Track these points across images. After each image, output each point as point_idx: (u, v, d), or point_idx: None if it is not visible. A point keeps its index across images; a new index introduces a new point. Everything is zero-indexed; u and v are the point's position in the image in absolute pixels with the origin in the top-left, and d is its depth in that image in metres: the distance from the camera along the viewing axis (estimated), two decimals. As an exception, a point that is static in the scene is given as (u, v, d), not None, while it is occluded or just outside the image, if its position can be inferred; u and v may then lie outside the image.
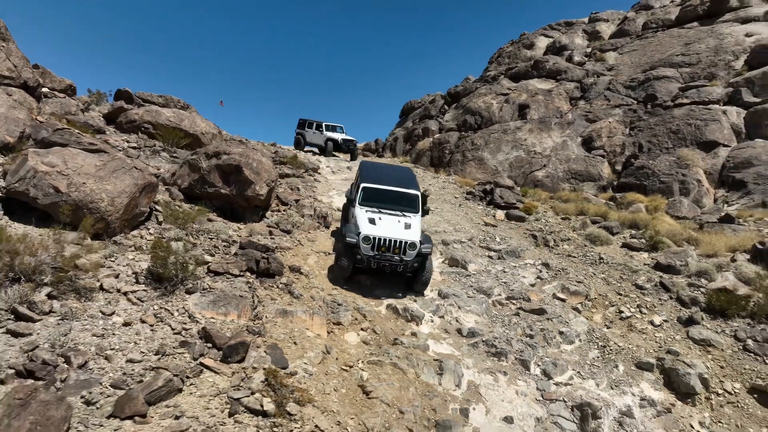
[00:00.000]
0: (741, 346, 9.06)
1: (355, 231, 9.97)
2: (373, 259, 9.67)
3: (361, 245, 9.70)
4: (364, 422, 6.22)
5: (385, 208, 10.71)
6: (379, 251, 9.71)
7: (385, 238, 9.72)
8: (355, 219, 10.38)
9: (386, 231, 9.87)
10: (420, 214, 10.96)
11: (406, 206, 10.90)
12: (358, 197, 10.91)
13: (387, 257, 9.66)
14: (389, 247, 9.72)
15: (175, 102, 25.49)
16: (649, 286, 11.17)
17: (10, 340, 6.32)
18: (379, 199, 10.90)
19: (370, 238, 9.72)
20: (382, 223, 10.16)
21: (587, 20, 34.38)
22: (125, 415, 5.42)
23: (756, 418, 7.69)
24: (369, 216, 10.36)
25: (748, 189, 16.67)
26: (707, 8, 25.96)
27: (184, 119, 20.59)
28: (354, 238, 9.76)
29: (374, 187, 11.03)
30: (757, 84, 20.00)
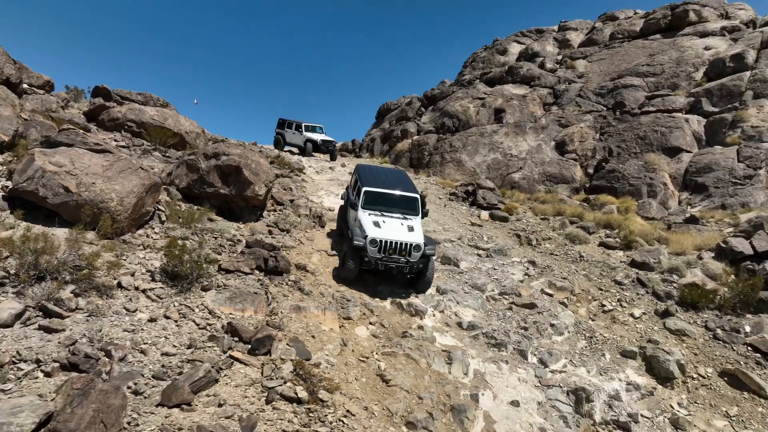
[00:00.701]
0: (711, 335, 10.03)
1: (362, 234, 10.23)
2: (381, 262, 10.03)
3: (368, 248, 10.01)
4: (388, 407, 6.74)
5: (387, 211, 11.04)
6: (385, 254, 10.05)
7: (391, 241, 10.06)
8: (360, 222, 10.64)
9: (391, 234, 10.22)
10: (420, 216, 11.42)
11: (407, 209, 11.29)
12: (360, 201, 11.12)
13: (393, 259, 10.04)
14: (396, 249, 10.06)
15: (155, 100, 25.30)
16: (627, 281, 12.10)
17: (44, 335, 6.53)
18: (381, 202, 11.20)
19: (377, 241, 10.02)
20: (387, 226, 10.49)
21: (557, 28, 35.79)
22: (172, 403, 5.75)
23: (727, 398, 8.61)
24: (373, 219, 10.66)
25: (709, 192, 18.02)
26: (669, 22, 27.59)
27: (167, 118, 20.54)
28: (361, 242, 10.05)
29: (376, 190, 11.29)
30: (715, 95, 21.53)
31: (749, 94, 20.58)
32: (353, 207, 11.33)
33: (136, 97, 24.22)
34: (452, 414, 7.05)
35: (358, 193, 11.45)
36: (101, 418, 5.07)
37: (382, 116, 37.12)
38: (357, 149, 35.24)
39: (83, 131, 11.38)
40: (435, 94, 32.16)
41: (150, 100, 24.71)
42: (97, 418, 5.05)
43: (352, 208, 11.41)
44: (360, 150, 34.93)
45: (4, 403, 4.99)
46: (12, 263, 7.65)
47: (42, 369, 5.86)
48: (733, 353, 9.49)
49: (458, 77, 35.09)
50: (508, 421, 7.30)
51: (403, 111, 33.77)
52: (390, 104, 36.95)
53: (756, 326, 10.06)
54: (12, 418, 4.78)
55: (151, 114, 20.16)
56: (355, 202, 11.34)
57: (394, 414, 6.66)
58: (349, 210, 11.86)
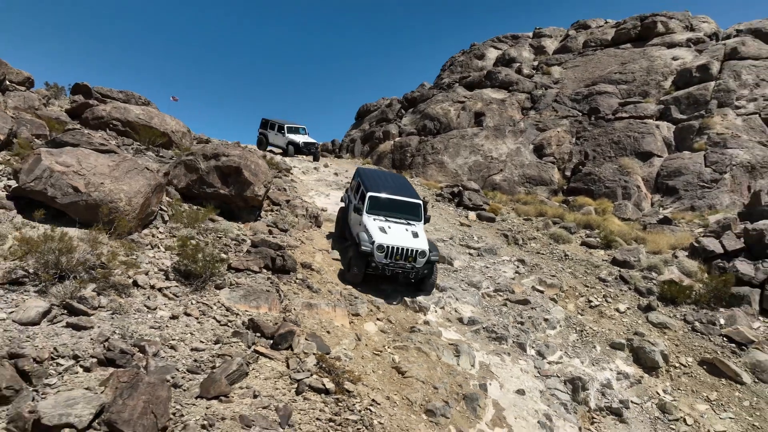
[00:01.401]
0: (690, 328, 10.85)
1: (369, 240, 10.41)
2: (387, 267, 10.24)
3: (375, 254, 10.22)
4: (408, 397, 7.17)
5: (391, 217, 11.25)
6: (392, 259, 10.27)
7: (398, 247, 10.28)
8: (366, 227, 10.80)
9: (398, 240, 10.45)
10: (423, 222, 11.71)
11: (411, 214, 11.53)
12: (365, 206, 11.26)
13: (399, 265, 10.26)
14: (402, 255, 10.29)
15: (137, 98, 25.03)
16: (610, 279, 12.87)
17: (74, 333, 6.67)
18: (385, 207, 11.39)
19: (384, 246, 10.24)
20: (393, 232, 10.71)
21: (532, 35, 36.93)
22: (211, 395, 6.02)
23: (706, 385, 9.39)
24: (379, 225, 10.84)
25: (679, 195, 19.14)
26: (639, 32, 28.95)
27: (153, 117, 20.43)
28: (368, 247, 10.25)
29: (381, 196, 11.49)
30: (683, 103, 22.81)
31: (714, 103, 21.91)
32: (358, 211, 11.41)
33: (117, 95, 23.88)
34: (465, 402, 7.54)
35: (362, 197, 11.59)
36: (151, 409, 5.32)
37: (361, 117, 37.48)
38: (337, 149, 35.50)
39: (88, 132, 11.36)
40: (415, 96, 32.74)
41: (131, 99, 24.41)
42: (147, 408, 5.29)
43: (356, 212, 11.49)
44: (340, 150, 35.20)
45: (58, 396, 5.19)
46: (29, 262, 7.73)
47: (81, 364, 6.03)
48: (710, 344, 10.31)
49: (437, 80, 35.79)
50: (515, 408, 7.84)
51: (383, 113, 34.22)
52: (369, 106, 37.35)
53: (729, 319, 10.94)
54: (69, 409, 4.99)
55: (136, 113, 20.02)
56: (359, 207, 11.44)
57: (414, 403, 7.10)
58: (351, 213, 12.07)
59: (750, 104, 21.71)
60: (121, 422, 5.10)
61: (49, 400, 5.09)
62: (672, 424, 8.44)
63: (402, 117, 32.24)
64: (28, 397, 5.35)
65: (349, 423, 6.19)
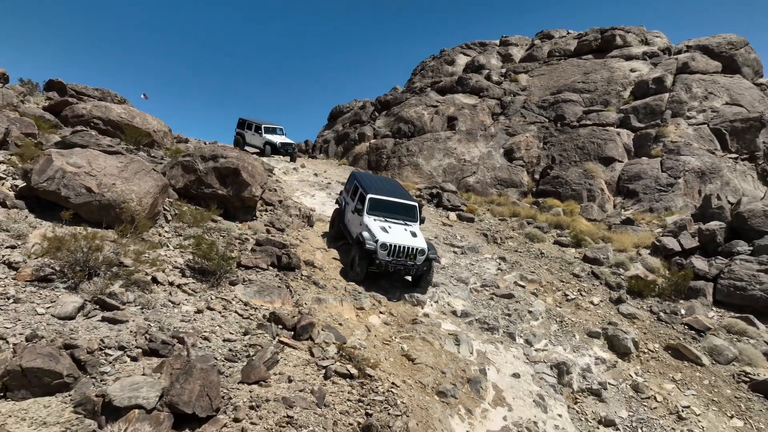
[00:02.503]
0: (656, 318, 12.10)
1: (372, 238, 11.00)
2: (390, 264, 10.89)
3: (378, 251, 10.85)
4: (420, 381, 7.93)
5: (390, 218, 11.90)
6: (395, 257, 10.93)
7: (400, 245, 10.94)
8: (368, 227, 11.38)
9: (399, 239, 11.11)
10: (419, 222, 12.45)
11: (407, 216, 12.22)
12: (366, 207, 11.86)
13: (401, 262, 10.94)
14: (404, 253, 10.97)
15: (113, 96, 24.81)
16: (583, 274, 14.05)
17: (111, 326, 7.08)
18: (384, 208, 12.02)
19: (387, 245, 10.88)
20: (393, 232, 11.35)
21: (498, 42, 38.42)
22: (251, 380, 6.59)
23: (671, 367, 10.59)
24: (380, 225, 11.47)
25: (639, 197, 20.73)
26: (599, 44, 30.78)
27: (135, 116, 20.45)
28: (372, 245, 10.85)
29: (381, 198, 12.12)
30: (641, 112, 24.57)
31: (668, 113, 23.74)
32: (358, 212, 11.96)
33: (92, 93, 23.57)
34: (470, 385, 8.36)
35: (362, 199, 12.17)
36: (206, 392, 5.86)
37: (334, 118, 37.97)
38: (310, 150, 35.89)
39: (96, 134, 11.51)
40: (388, 99, 33.55)
41: (108, 96, 24.16)
42: (203, 391, 5.83)
43: (357, 213, 12.02)
44: (313, 151, 35.61)
45: (122, 381, 5.65)
46: (55, 260, 8.03)
47: (128, 354, 6.48)
48: (673, 331, 11.57)
49: (409, 84, 36.72)
50: (513, 390, 8.73)
51: (356, 114, 34.85)
52: (342, 107, 37.90)
53: (689, 309, 12.26)
54: (136, 392, 5.48)
55: (118, 111, 19.97)
56: (359, 208, 12.00)
57: (426, 386, 7.87)
58: (348, 214, 12.67)
59: (699, 115, 23.67)
60: (182, 403, 5.62)
61: (115, 385, 5.55)
62: (644, 401, 9.54)
63: (376, 119, 32.97)
64: (88, 383, 5.80)
65: (376, 403, 6.89)
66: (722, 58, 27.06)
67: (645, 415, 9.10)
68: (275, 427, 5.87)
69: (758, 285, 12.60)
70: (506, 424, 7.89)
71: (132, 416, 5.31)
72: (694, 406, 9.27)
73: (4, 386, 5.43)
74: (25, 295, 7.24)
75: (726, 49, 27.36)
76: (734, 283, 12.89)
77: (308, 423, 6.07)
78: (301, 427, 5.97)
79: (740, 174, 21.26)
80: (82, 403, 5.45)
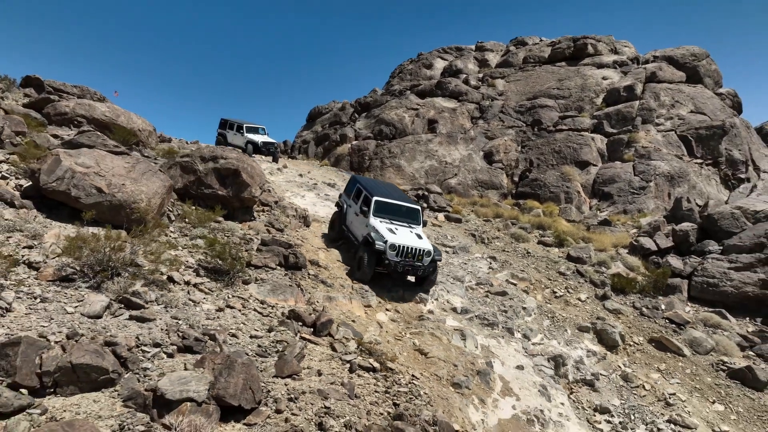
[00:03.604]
0: (639, 312, 12.92)
1: (381, 239, 11.22)
2: (399, 265, 11.12)
3: (387, 252, 11.08)
4: (436, 373, 8.37)
5: (395, 220, 12.17)
6: (403, 258, 11.20)
7: (408, 246, 11.22)
8: (375, 229, 11.61)
9: (407, 240, 11.38)
10: (421, 225, 12.77)
11: (411, 218, 12.53)
12: (371, 209, 12.11)
13: (409, 263, 11.20)
14: (413, 254, 11.23)
15: (92, 93, 24.36)
16: (569, 273, 14.80)
17: (140, 324, 7.23)
18: (389, 211, 12.28)
19: (396, 246, 11.13)
20: (400, 233, 11.60)
21: (474, 48, 39.36)
22: (285, 374, 6.87)
23: (656, 358, 11.38)
24: (387, 227, 11.71)
25: (613, 200, 21.80)
26: (572, 52, 32.02)
27: (120, 115, 20.23)
28: (382, 246, 11.07)
29: (385, 200, 12.38)
30: (613, 118, 25.78)
31: (639, 119, 25.01)
32: (363, 214, 12.19)
33: (71, 90, 23.05)
34: (479, 377, 8.85)
35: (366, 201, 12.39)
36: (249, 385, 6.13)
37: (313, 119, 38.07)
38: (289, 150, 35.89)
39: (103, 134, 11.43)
40: (368, 101, 33.92)
41: (87, 94, 23.67)
42: (246, 385, 6.09)
43: (362, 215, 12.24)
44: (292, 151, 35.63)
45: (170, 376, 5.85)
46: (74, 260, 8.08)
47: (164, 351, 6.66)
48: (656, 325, 12.40)
49: (387, 87, 37.18)
50: (518, 381, 9.27)
51: (336, 116, 35.07)
52: (321, 108, 38.03)
53: (669, 305, 13.14)
54: (185, 386, 5.69)
55: (102, 110, 19.71)
56: (365, 210, 12.23)
57: (442, 378, 8.31)
58: (352, 216, 12.80)
59: (667, 122, 25.03)
60: (228, 396, 5.88)
61: (164, 379, 5.75)
62: (634, 390, 10.26)
63: (356, 121, 33.29)
64: (132, 378, 5.98)
65: (401, 393, 7.28)
66: (686, 68, 28.64)
67: (636, 403, 9.80)
68: (315, 417, 6.19)
69: (729, 282, 13.61)
70: (516, 413, 8.41)
71: (184, 408, 5.53)
72: (680, 393, 10.05)
73: (54, 382, 5.56)
74: (51, 294, 7.31)
75: (689, 60, 28.97)
76: (707, 280, 13.88)
77: (344, 413, 6.41)
78: (338, 417, 6.31)
79: (705, 178, 22.64)
80: (132, 398, 5.63)
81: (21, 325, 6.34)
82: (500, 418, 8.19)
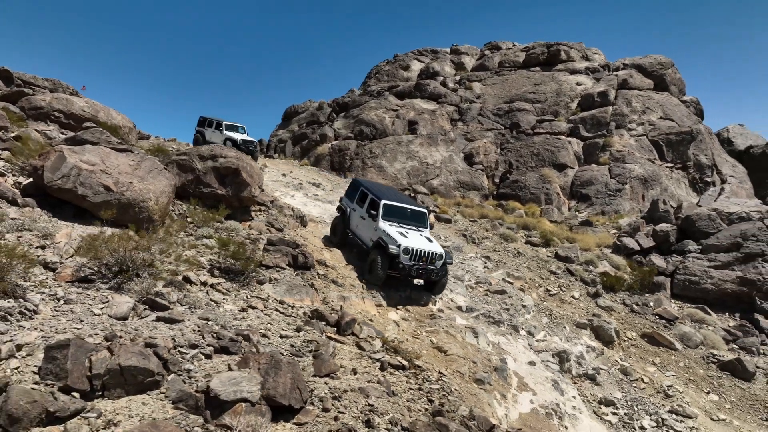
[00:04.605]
0: (629, 309, 13.51)
1: (394, 243, 11.02)
2: (413, 269, 10.99)
3: (401, 256, 10.93)
4: (458, 370, 8.54)
5: (403, 224, 12.07)
6: (416, 261, 11.08)
7: (422, 250, 11.12)
8: (385, 232, 11.45)
9: (419, 243, 11.28)
10: (428, 228, 12.73)
11: (418, 222, 12.47)
12: (380, 212, 11.96)
13: (422, 267, 11.08)
14: (426, 258, 11.12)
15: (64, 87, 23.45)
16: (559, 272, 15.30)
17: (170, 326, 7.08)
18: (397, 214, 12.17)
19: (410, 249, 11.01)
20: (412, 237, 11.49)
21: (449, 51, 39.92)
22: (323, 373, 6.87)
23: (650, 352, 11.94)
24: (398, 230, 11.58)
25: (591, 201, 22.63)
26: (546, 57, 32.99)
27: (99, 110, 19.63)
28: (395, 250, 10.93)
29: (394, 204, 12.27)
30: (588, 122, 26.73)
31: (613, 124, 26.04)
32: (372, 218, 12.02)
33: (42, 83, 22.06)
34: (497, 373, 9.08)
35: (373, 205, 12.23)
36: (296, 384, 6.11)
37: (289, 118, 37.69)
38: (265, 149, 35.39)
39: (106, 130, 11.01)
40: (346, 101, 33.88)
41: (59, 88, 22.72)
42: (294, 384, 6.08)
43: (371, 218, 12.06)
44: (269, 150, 35.16)
45: (220, 377, 5.77)
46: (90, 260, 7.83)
47: (201, 352, 6.55)
48: (646, 321, 13.00)
49: (365, 87, 37.23)
50: (532, 376, 9.56)
51: (313, 115, 34.86)
52: (297, 107, 37.70)
53: (657, 301, 13.80)
54: (238, 386, 5.63)
55: (80, 105, 19.05)
56: (373, 214, 12.03)
57: (464, 375, 8.49)
58: (357, 220, 12.65)
59: (639, 127, 26.17)
60: (279, 396, 5.86)
61: (215, 380, 5.66)
62: (633, 383, 10.74)
63: (334, 121, 33.19)
64: (177, 380, 5.87)
65: (434, 390, 7.40)
66: (654, 76, 30.00)
67: (637, 395, 10.27)
68: (361, 415, 6.24)
69: (709, 279, 14.41)
70: (534, 407, 8.68)
71: (240, 409, 5.48)
72: (677, 385, 10.59)
73: (102, 385, 5.41)
74: (74, 296, 7.08)
75: (656, 69, 30.36)
76: (689, 278, 14.65)
77: (387, 410, 6.48)
78: (382, 414, 6.37)
79: (675, 181, 23.82)
80: (182, 399, 5.53)
81: (53, 328, 6.13)
82: (521, 413, 8.43)
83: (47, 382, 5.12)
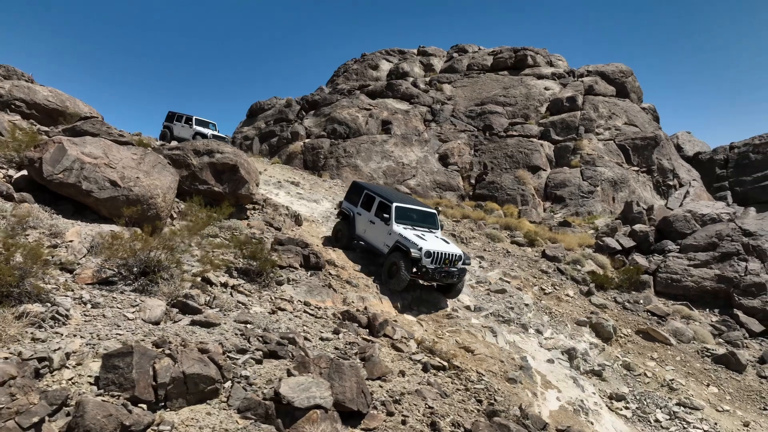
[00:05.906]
0: (621, 307, 13.98)
1: (415, 246, 10.65)
2: (435, 272, 10.66)
3: (423, 259, 10.61)
4: (490, 369, 8.50)
5: (416, 226, 11.80)
6: (438, 264, 10.80)
7: (443, 252, 10.85)
8: (403, 236, 11.07)
9: (438, 246, 11.01)
10: (440, 229, 12.53)
11: (429, 223, 12.25)
12: (393, 216, 11.55)
13: (444, 269, 10.77)
14: (449, 260, 10.87)
15: (19, 75, 21.79)
16: (550, 271, 15.63)
17: (208, 330, 6.63)
18: (409, 217, 11.89)
19: (431, 252, 10.72)
20: (429, 240, 11.21)
21: (417, 51, 40.13)
22: (375, 376, 6.63)
23: (647, 348, 12.39)
24: (414, 233, 11.25)
25: (566, 203, 23.34)
26: (514, 62, 33.79)
27: (65, 100, 18.52)
28: (417, 253, 10.58)
29: (405, 206, 11.98)
30: (558, 126, 27.59)
31: (582, 128, 27.00)
32: (384, 221, 11.65)
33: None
34: (522, 371, 9.12)
35: (383, 209, 11.86)
36: (361, 388, 5.86)
37: (254, 115, 36.62)
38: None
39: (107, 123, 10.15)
40: (316, 99, 33.33)
41: (14, 75, 20.98)
42: (359, 388, 5.82)
43: (383, 222, 11.70)
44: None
45: (289, 381, 5.43)
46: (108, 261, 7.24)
47: (252, 357, 6.16)
48: (639, 318, 13.49)
49: (333, 85, 36.75)
50: (552, 374, 9.67)
51: (282, 112, 34.05)
52: (263, 104, 36.70)
53: (646, 299, 14.36)
54: (309, 392, 5.31)
55: (44, 94, 17.86)
56: (385, 218, 11.67)
57: (497, 374, 8.46)
58: (365, 224, 12.27)
59: (606, 132, 27.29)
60: (347, 401, 5.61)
61: (284, 387, 5.31)
62: (637, 378, 11.10)
63: (303, 119, 32.57)
64: (237, 388, 5.49)
65: (480, 390, 7.32)
66: (616, 83, 31.38)
67: (643, 389, 10.61)
68: (424, 418, 6.06)
69: (690, 277, 15.17)
70: (561, 404, 8.78)
71: (315, 416, 5.17)
72: (678, 378, 11.04)
73: (166, 395, 4.96)
74: (101, 299, 6.51)
75: (618, 77, 31.78)
76: (671, 276, 15.36)
77: (446, 412, 6.34)
78: (443, 416, 6.22)
79: (642, 184, 25.00)
80: (249, 408, 5.17)
81: (93, 334, 5.58)
82: (551, 410, 8.50)
83: (111, 393, 4.63)
